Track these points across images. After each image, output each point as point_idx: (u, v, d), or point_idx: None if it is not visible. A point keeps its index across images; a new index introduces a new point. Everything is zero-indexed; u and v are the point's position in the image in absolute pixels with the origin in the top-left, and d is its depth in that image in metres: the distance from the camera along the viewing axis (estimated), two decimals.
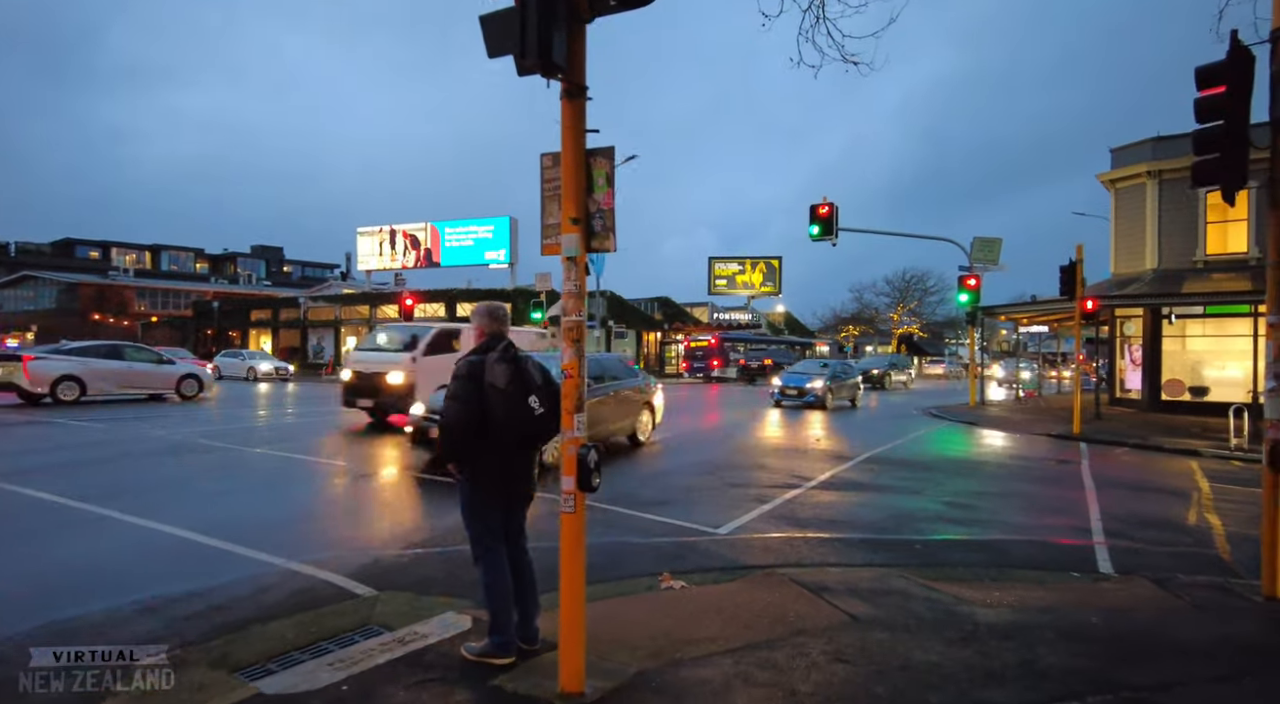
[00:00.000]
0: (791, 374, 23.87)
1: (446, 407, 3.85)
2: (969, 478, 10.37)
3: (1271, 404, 5.51)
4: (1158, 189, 22.03)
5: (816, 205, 23.43)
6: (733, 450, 12.39)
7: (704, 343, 46.44)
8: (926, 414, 21.74)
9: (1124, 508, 8.61)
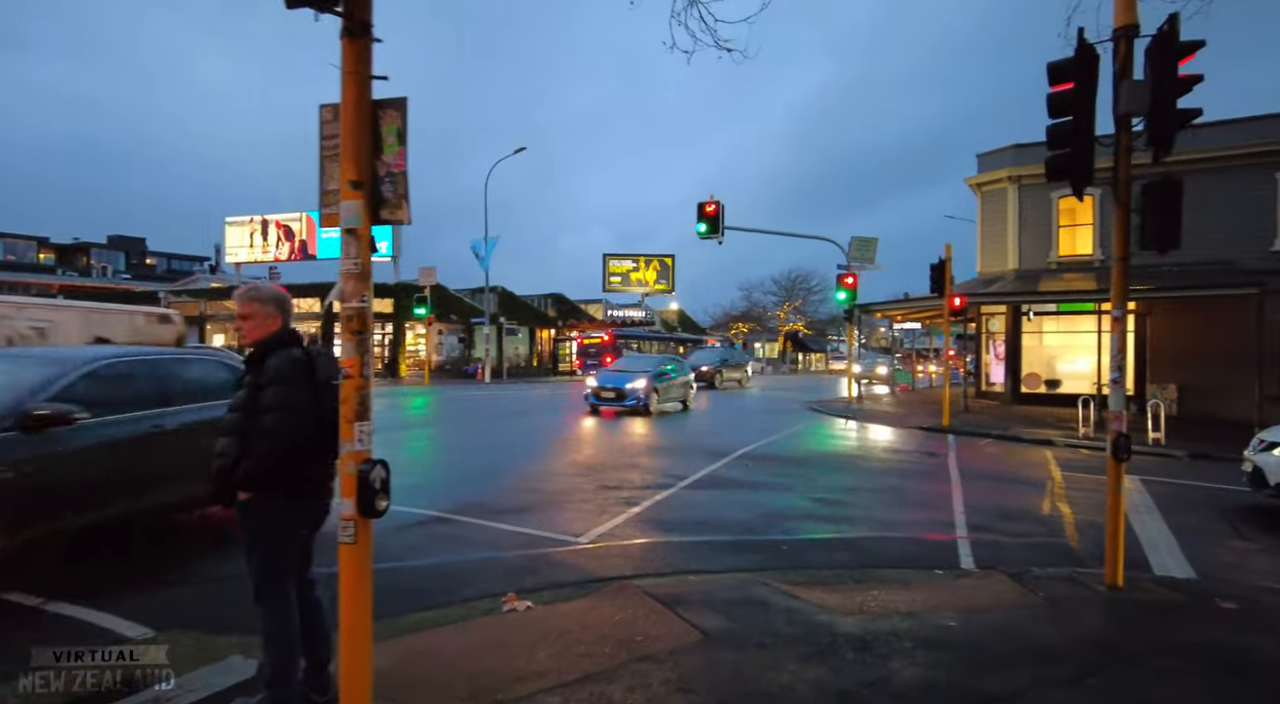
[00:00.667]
0: (609, 372, 20.30)
1: (273, 422, 3.12)
2: (841, 473, 10.38)
3: (1114, 396, 5.57)
4: (1018, 193, 23.39)
5: (704, 203, 23.44)
6: (612, 449, 11.97)
7: (597, 340, 46.16)
8: (807, 409, 22.17)
9: (986, 500, 8.78)
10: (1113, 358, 5.58)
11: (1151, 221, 5.48)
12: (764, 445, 12.95)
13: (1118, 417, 5.46)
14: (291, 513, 3.28)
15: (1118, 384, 5.55)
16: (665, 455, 11.30)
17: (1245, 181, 20.46)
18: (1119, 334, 5.51)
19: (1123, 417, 5.46)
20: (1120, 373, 5.55)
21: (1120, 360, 5.53)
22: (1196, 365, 20.23)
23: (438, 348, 44.82)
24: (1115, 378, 5.56)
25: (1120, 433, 5.36)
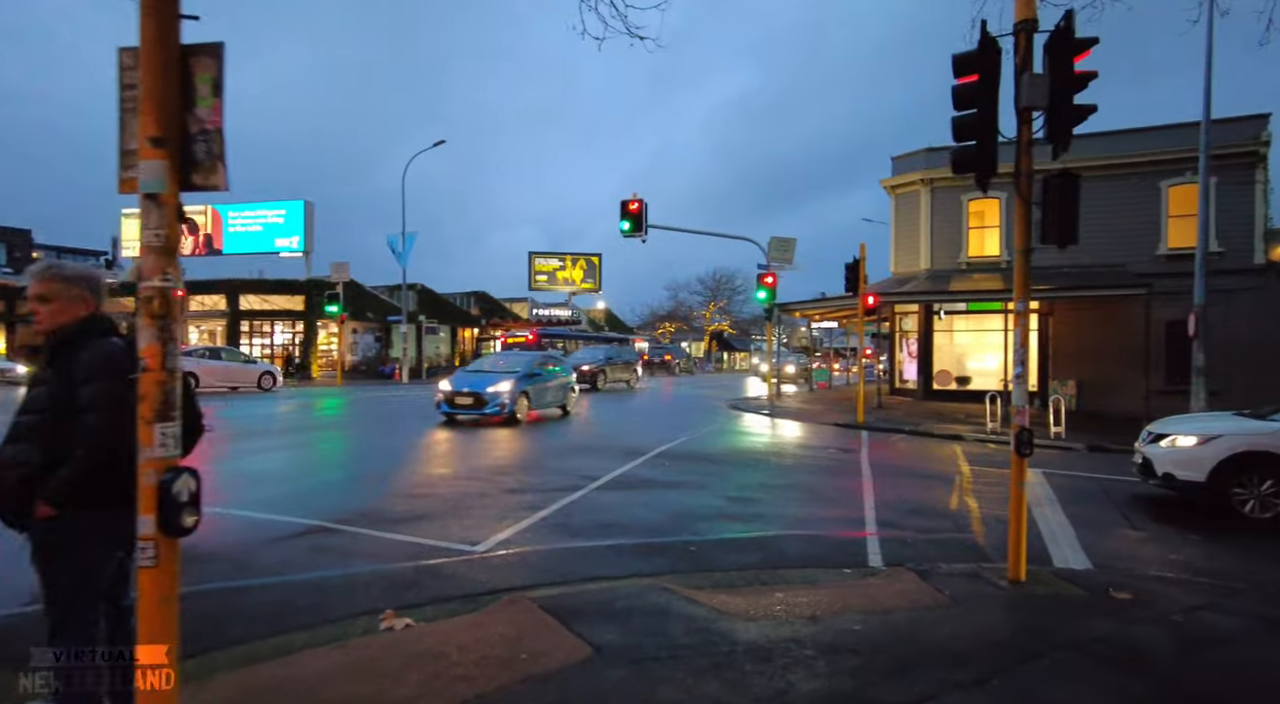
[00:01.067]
0: (466, 373, 17.31)
1: (99, 422, 2.63)
2: (756, 470, 10.28)
3: (1017, 391, 5.56)
4: (930, 195, 24.09)
5: (627, 201, 23.21)
6: (524, 451, 11.54)
7: (522, 339, 45.48)
8: (728, 406, 22.22)
9: (896, 495, 8.80)
10: (1016, 352, 5.57)
11: (1051, 216, 5.48)
12: (682, 443, 12.77)
13: (1020, 411, 5.45)
14: (108, 529, 2.79)
15: (1021, 379, 5.54)
16: (580, 456, 10.95)
17: (1135, 189, 21.66)
18: (1022, 328, 5.50)
19: (1025, 411, 5.45)
20: (1023, 367, 5.54)
21: (1023, 355, 5.52)
22: (1093, 362, 21.28)
23: (353, 347, 43.12)
24: (1018, 373, 5.55)
25: (1023, 428, 5.34)
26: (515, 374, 16.10)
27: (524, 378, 16.11)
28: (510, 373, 16.18)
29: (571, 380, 18.74)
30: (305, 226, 42.36)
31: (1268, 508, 7.82)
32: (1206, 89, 15.09)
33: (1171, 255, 21.16)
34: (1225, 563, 6.62)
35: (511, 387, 15.44)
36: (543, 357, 18.82)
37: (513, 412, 15.31)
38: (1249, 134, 20.43)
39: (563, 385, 18.12)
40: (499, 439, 13.10)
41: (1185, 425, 8.76)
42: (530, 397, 15.93)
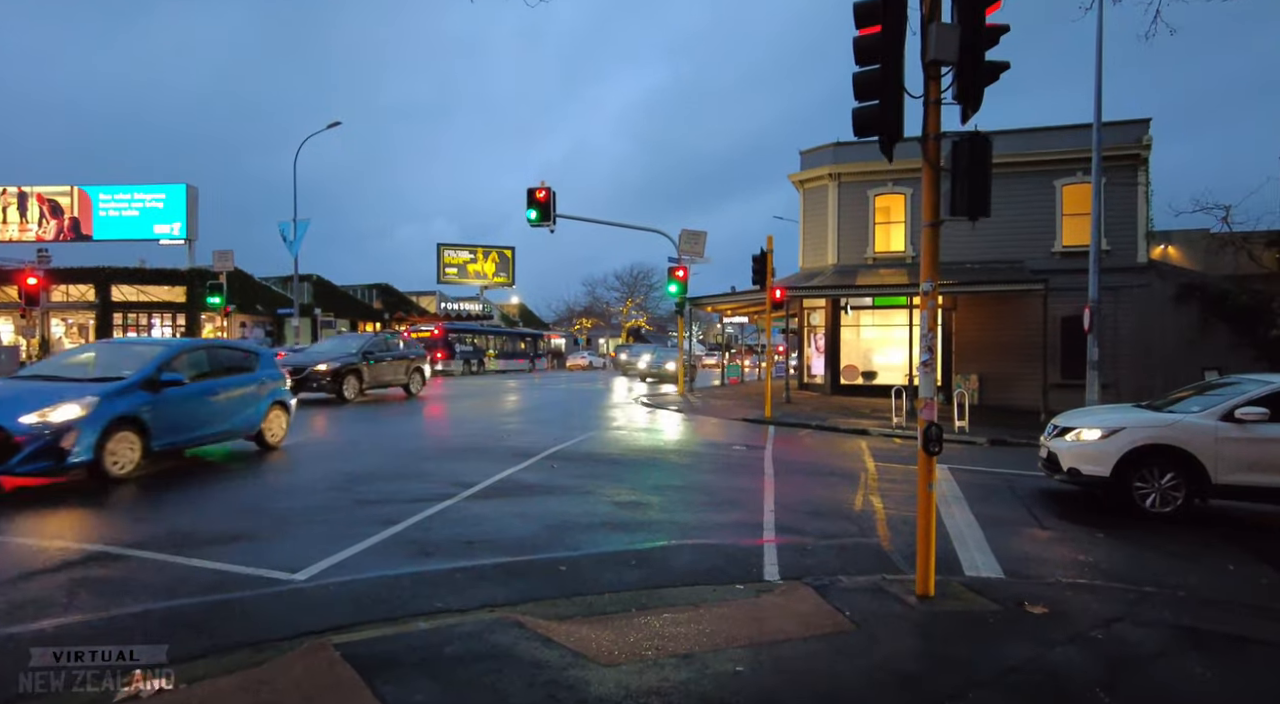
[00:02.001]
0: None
1: None
2: (653, 469, 9.50)
3: (924, 381, 4.94)
4: (838, 190, 24.05)
5: (534, 189, 22.25)
6: (399, 453, 10.38)
7: (427, 333, 43.46)
8: (638, 402, 21.50)
9: (799, 495, 8.20)
10: (923, 338, 4.94)
11: (962, 184, 4.88)
12: (580, 442, 11.89)
13: (928, 404, 4.83)
14: None
15: (928, 367, 4.93)
16: (462, 459, 9.90)
17: (1032, 188, 22.18)
18: (929, 312, 4.88)
19: (933, 404, 4.84)
20: (930, 355, 4.92)
21: (930, 340, 4.90)
22: (994, 357, 21.68)
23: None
24: (925, 360, 4.93)
25: (931, 423, 4.72)
26: (98, 394, 7.80)
27: (120, 393, 7.98)
28: (85, 396, 7.71)
29: (284, 386, 10.97)
30: (188, 212, 39.16)
31: (1168, 502, 7.60)
32: (1098, 83, 15.34)
33: (1066, 253, 21.76)
34: (1133, 563, 6.27)
35: (80, 409, 7.46)
36: (186, 344, 11.95)
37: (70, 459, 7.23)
38: (1132, 137, 21.22)
39: (247, 397, 9.98)
40: (375, 438, 11.87)
41: (1089, 418, 8.52)
42: (147, 425, 8.04)
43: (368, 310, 47.51)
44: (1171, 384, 21.59)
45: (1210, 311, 20.89)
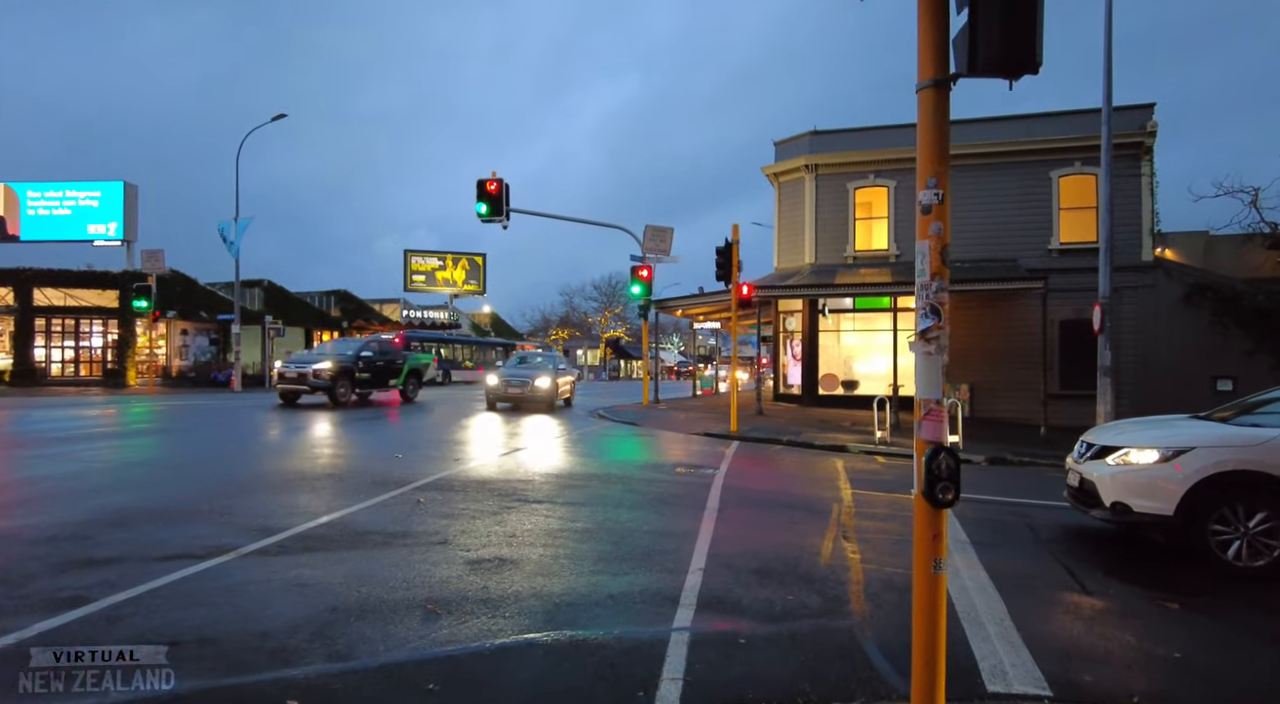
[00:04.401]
0: None
1: None
2: (556, 505, 7.19)
3: (925, 369, 2.70)
4: (815, 183, 21.99)
5: (485, 181, 20.06)
6: (225, 479, 8.01)
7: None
8: (594, 416, 19.20)
9: (745, 542, 5.94)
10: (921, 293, 2.72)
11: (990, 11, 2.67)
12: (488, 464, 9.58)
13: (933, 412, 2.61)
14: None
15: (932, 343, 2.69)
16: (300, 489, 7.54)
17: (1025, 179, 20.23)
18: (932, 242, 2.66)
19: (941, 413, 2.62)
20: (937, 321, 2.69)
21: (937, 294, 2.68)
22: (986, 365, 19.62)
23: (183, 351, 37.53)
24: (926, 329, 2.70)
25: (939, 446, 2.50)
26: None
27: None
28: None
29: None
30: (125, 211, 36.50)
31: (1259, 553, 5.41)
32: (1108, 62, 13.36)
33: (1064, 250, 19.81)
34: (1236, 659, 4.06)
35: None
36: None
37: None
38: (1136, 123, 19.32)
39: None
40: (221, 457, 9.49)
41: (1137, 434, 6.32)
42: None
43: (325, 318, 44.85)
44: (1181, 394, 19.73)
45: (1223, 314, 18.94)
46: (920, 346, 2.70)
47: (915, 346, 2.71)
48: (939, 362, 2.67)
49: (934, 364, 2.66)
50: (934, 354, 2.68)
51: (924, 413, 2.67)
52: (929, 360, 2.69)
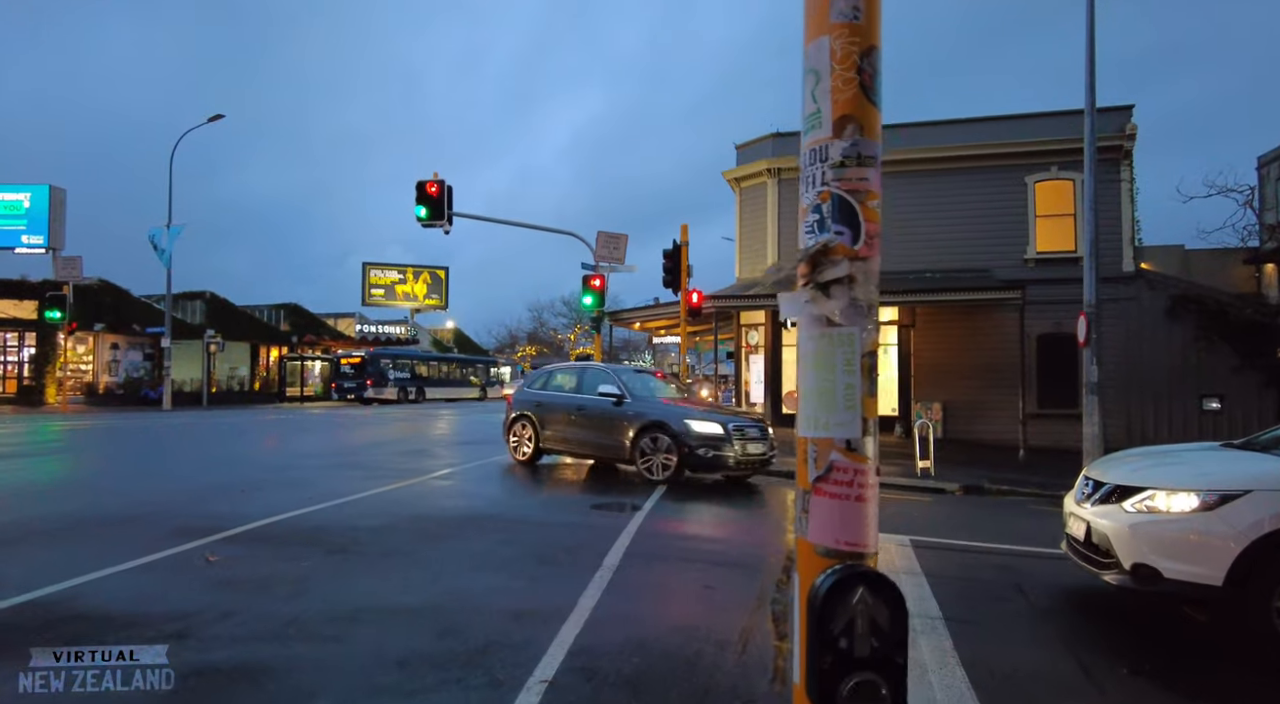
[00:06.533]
0: None
1: None
2: (399, 563, 5.45)
3: (822, 378, 1.02)
4: (777, 187, 20.60)
5: (425, 182, 18.44)
6: None
7: (356, 360, 39.78)
8: None
9: (631, 625, 4.25)
10: (810, 179, 1.07)
11: None
12: (354, 499, 7.82)
13: (836, 469, 0.95)
14: None
15: (833, 297, 1.04)
16: (80, 538, 5.74)
17: (1000, 185, 18.98)
18: (840, 17, 1.01)
19: (864, 470, 0.97)
20: (850, 231, 1.04)
21: (845, 155, 1.02)
22: (959, 382, 18.22)
23: (112, 366, 35.10)
24: (816, 258, 1.04)
25: (854, 570, 0.82)
26: None
27: None
28: None
29: None
30: (51, 217, 34.17)
31: None
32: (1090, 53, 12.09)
33: (1041, 259, 18.53)
34: None
35: None
36: None
37: None
38: (1115, 125, 18.17)
39: None
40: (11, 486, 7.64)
41: (1162, 470, 4.76)
42: None
43: (273, 332, 42.56)
44: (1167, 414, 18.50)
45: (1208, 329, 17.72)
46: (810, 309, 1.06)
47: (799, 308, 1.06)
48: (855, 344, 1.03)
49: (837, 350, 1.02)
50: (845, 330, 1.04)
51: (818, 473, 1.02)
52: (830, 344, 1.04)
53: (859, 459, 1.06)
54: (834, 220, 1.06)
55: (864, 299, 1.05)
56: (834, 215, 1.06)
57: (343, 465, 10.88)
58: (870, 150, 1.06)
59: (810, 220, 1.09)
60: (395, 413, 29.17)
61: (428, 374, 44.33)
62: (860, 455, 1.06)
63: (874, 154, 1.07)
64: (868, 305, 1.06)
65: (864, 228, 1.06)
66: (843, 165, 1.05)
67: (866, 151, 1.06)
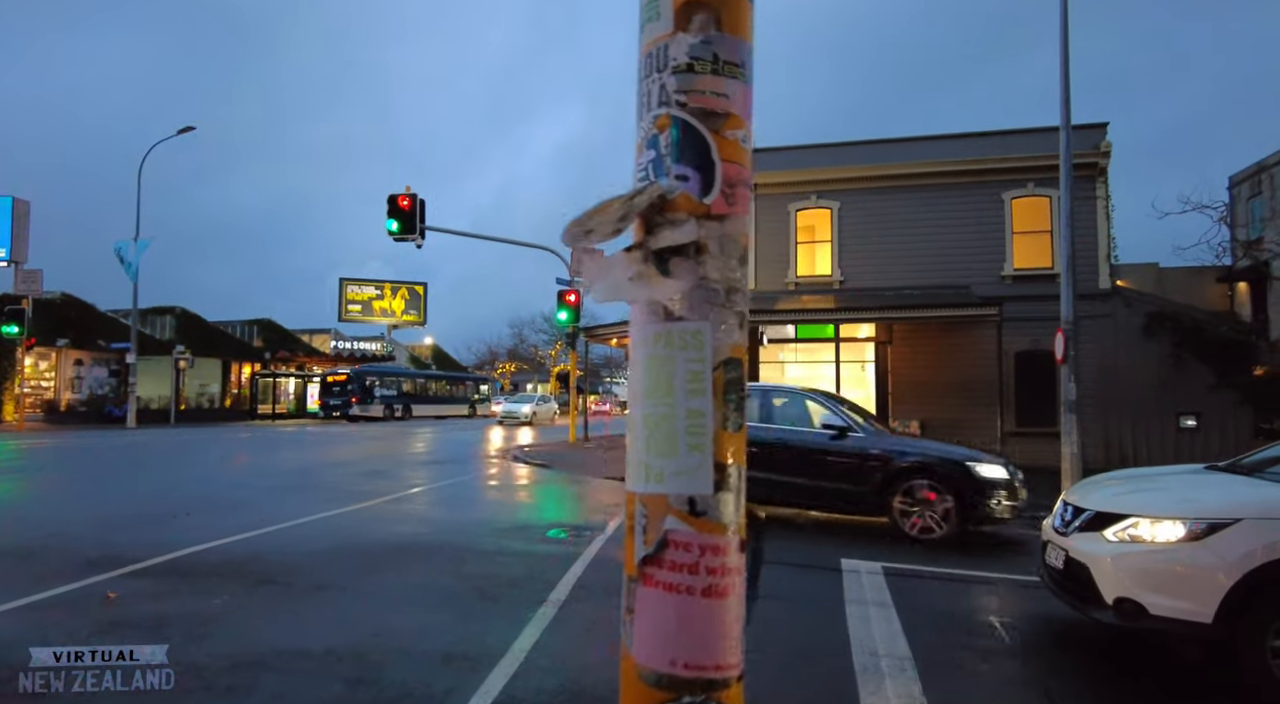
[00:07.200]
0: None
1: None
2: (329, 597, 5.01)
3: (655, 389, 0.63)
4: (754, 203, 20.25)
5: (396, 196, 18.17)
6: None
7: (342, 377, 39.51)
8: (506, 454, 17.00)
9: (568, 672, 3.85)
10: (647, 109, 0.70)
11: None
12: (300, 523, 7.35)
13: (673, 550, 0.56)
14: None
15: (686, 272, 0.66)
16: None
17: (978, 202, 18.88)
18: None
19: (722, 555, 0.59)
20: (699, 179, 0.67)
21: (687, 59, 0.65)
22: (937, 399, 17.97)
23: (75, 383, 34.13)
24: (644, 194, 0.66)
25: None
26: None
27: None
28: None
29: None
30: (15, 229, 33.26)
31: None
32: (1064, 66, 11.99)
33: (1019, 276, 18.41)
34: None
35: None
36: None
37: None
38: (1090, 142, 18.17)
39: None
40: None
41: (1144, 495, 4.45)
42: None
43: (246, 349, 41.70)
44: (1144, 432, 18.36)
45: (1183, 347, 17.64)
46: (638, 291, 0.68)
47: (619, 287, 0.68)
48: (705, 349, 0.65)
49: (678, 358, 0.64)
50: (689, 326, 0.66)
51: (647, 551, 0.63)
52: (668, 347, 0.66)
53: (710, 528, 0.69)
54: (675, 159, 0.70)
55: (720, 280, 0.69)
56: (675, 150, 0.70)
57: (298, 487, 10.37)
58: (733, 53, 0.71)
59: (644, 162, 0.73)
60: (375, 431, 28.57)
61: (415, 391, 44.21)
62: (713, 523, 0.69)
63: (739, 60, 0.72)
64: (726, 289, 0.70)
65: (720, 170, 0.71)
66: (690, 71, 0.70)
67: (727, 54, 0.71)
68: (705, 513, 0.68)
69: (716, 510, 0.68)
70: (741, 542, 0.72)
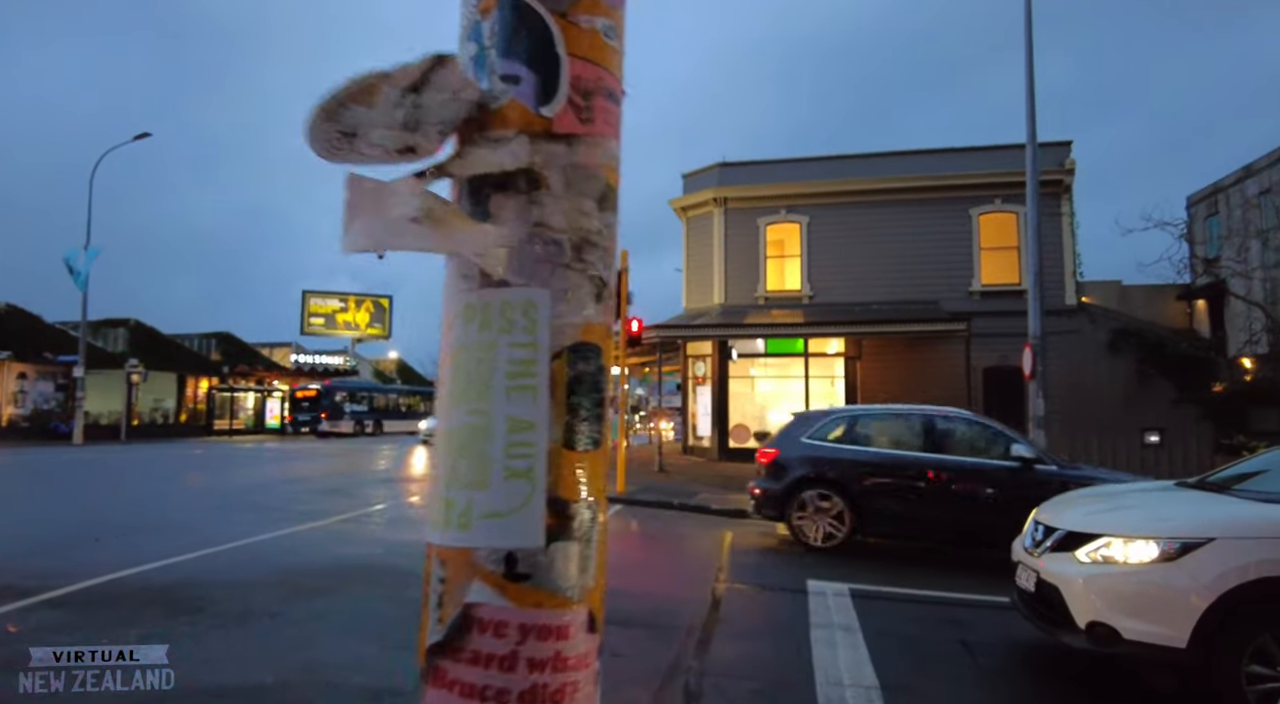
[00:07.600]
0: None
1: None
2: (253, 627, 4.66)
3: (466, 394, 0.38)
4: (724, 217, 20.33)
5: None
6: None
7: (312, 392, 38.78)
8: None
9: None
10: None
11: None
12: (240, 546, 6.94)
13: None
14: None
15: None
16: None
17: (946, 217, 19.02)
18: None
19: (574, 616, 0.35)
20: None
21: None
22: None
23: (19, 398, 32.81)
24: None
25: None
26: None
27: None
28: None
29: None
30: None
31: None
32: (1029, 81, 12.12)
33: (986, 292, 18.53)
34: None
35: None
36: None
37: None
38: (1055, 160, 18.43)
39: None
40: None
41: (1115, 514, 4.31)
42: None
43: (202, 362, 40.50)
44: (1109, 448, 18.52)
45: (1147, 363, 17.86)
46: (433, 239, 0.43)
47: (399, 230, 0.43)
48: (538, 331, 0.40)
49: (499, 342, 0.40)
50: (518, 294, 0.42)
51: (440, 635, 0.38)
52: (486, 328, 0.42)
53: (538, 600, 0.43)
54: (502, 52, 0.47)
55: (565, 229, 0.45)
56: (502, 40, 0.47)
57: (241, 506, 9.90)
58: None
59: (465, 58, 0.50)
60: (341, 447, 27.86)
61: (386, 407, 43.49)
62: (543, 591, 0.44)
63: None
64: (574, 243, 0.46)
65: (566, 69, 0.48)
66: None
67: None
68: (530, 576, 0.43)
69: (548, 573, 0.43)
70: (591, 619, 0.48)
